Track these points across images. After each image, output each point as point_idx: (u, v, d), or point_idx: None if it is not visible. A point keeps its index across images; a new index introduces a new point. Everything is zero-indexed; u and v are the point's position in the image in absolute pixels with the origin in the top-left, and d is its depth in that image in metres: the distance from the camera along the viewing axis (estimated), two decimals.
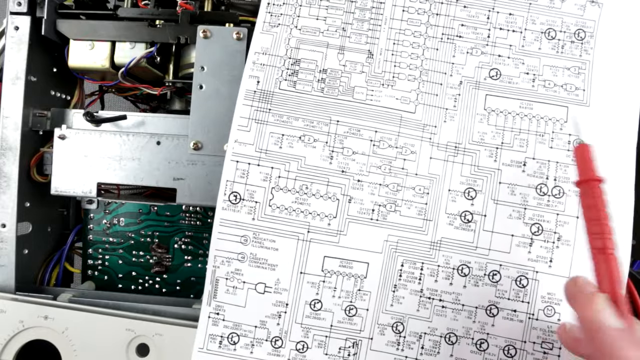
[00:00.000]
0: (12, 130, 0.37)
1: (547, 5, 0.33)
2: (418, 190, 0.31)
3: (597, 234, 0.25)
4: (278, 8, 0.33)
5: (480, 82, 0.32)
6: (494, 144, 0.32)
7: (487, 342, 0.31)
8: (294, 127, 0.32)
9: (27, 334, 0.35)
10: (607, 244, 0.24)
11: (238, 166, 0.32)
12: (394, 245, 0.31)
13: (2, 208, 0.37)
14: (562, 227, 0.31)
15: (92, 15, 0.39)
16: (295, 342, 0.31)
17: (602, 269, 0.24)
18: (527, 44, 0.32)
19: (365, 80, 0.32)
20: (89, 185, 0.37)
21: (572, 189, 0.31)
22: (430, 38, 0.33)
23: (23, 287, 0.38)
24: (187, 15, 0.37)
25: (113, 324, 0.35)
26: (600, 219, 0.25)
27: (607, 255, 0.24)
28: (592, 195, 0.25)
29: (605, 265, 0.24)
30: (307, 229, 0.31)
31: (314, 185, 0.32)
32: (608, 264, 0.24)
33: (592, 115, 0.32)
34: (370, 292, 0.31)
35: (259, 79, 0.32)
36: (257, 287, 0.31)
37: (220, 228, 0.32)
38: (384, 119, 0.32)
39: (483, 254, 0.31)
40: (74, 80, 0.44)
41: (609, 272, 0.24)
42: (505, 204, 0.31)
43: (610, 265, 0.24)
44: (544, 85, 0.32)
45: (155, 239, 0.43)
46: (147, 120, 0.38)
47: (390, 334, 0.31)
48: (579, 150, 0.27)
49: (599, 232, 0.25)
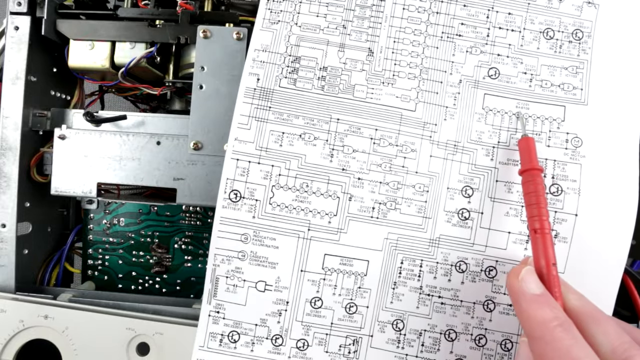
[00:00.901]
0: (12, 130, 0.37)
1: (545, 6, 0.33)
2: (418, 188, 0.32)
3: (535, 217, 0.27)
4: (278, 5, 0.33)
5: (479, 81, 0.32)
6: (491, 143, 0.32)
7: (485, 337, 0.31)
8: (294, 125, 0.32)
9: (27, 333, 0.35)
10: (543, 225, 0.27)
11: (238, 164, 0.32)
12: (394, 243, 0.31)
13: (2, 208, 0.37)
14: (559, 225, 0.31)
15: (92, 15, 0.39)
16: (296, 340, 0.31)
17: (538, 246, 0.27)
18: (525, 44, 0.33)
19: (366, 78, 0.32)
20: (89, 185, 0.37)
21: (570, 186, 0.31)
22: (430, 36, 0.33)
23: (23, 287, 0.38)
24: (187, 15, 0.37)
25: (113, 323, 0.35)
26: (539, 203, 0.28)
27: (543, 235, 0.27)
28: (533, 183, 0.28)
29: (542, 243, 0.27)
30: (307, 227, 0.32)
31: (315, 183, 0.32)
32: (544, 242, 0.27)
33: (591, 114, 0.32)
34: (370, 290, 0.31)
35: (259, 77, 0.33)
36: (258, 285, 0.32)
37: (221, 226, 0.32)
38: (385, 117, 0.32)
39: (480, 250, 0.31)
40: (74, 80, 0.44)
41: (544, 249, 0.26)
42: (502, 201, 0.31)
43: (545, 244, 0.27)
44: (541, 85, 0.32)
45: (155, 239, 0.43)
46: (147, 120, 0.38)
47: (390, 331, 0.31)
48: (523, 142, 0.30)
49: (537, 215, 0.27)
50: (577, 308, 0.25)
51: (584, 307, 0.25)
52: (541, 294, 0.25)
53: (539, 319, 0.24)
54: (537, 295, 0.25)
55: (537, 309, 0.24)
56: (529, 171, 0.29)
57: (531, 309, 0.24)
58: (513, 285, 0.26)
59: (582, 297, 0.26)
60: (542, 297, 0.25)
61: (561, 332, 0.23)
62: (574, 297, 0.25)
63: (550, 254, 0.26)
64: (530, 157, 0.29)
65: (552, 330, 0.23)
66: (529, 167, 0.29)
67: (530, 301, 0.25)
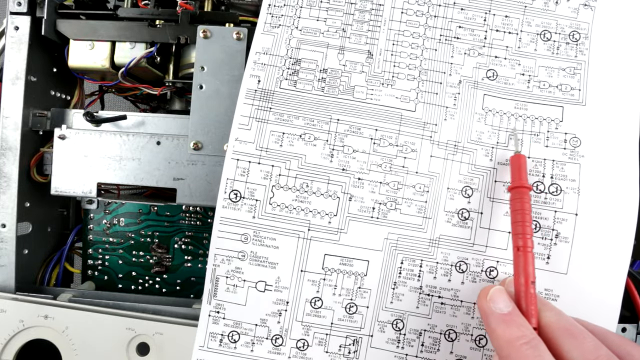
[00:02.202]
0: (12, 130, 0.38)
1: (542, 8, 0.33)
2: (418, 188, 0.32)
3: (520, 234, 0.28)
4: (279, 9, 0.34)
5: (478, 82, 0.33)
6: (490, 143, 0.32)
7: (486, 338, 0.31)
8: (294, 125, 0.32)
9: (27, 333, 0.35)
10: (527, 243, 0.27)
11: (238, 164, 0.32)
12: (394, 243, 0.31)
13: (2, 208, 0.37)
14: (560, 225, 0.31)
15: (92, 15, 0.39)
16: (296, 340, 0.32)
17: (520, 264, 0.27)
18: (523, 46, 0.33)
19: (365, 79, 0.33)
20: (89, 185, 0.37)
21: (570, 186, 0.31)
22: (428, 39, 0.33)
23: (23, 287, 0.38)
24: (187, 15, 0.37)
25: (113, 323, 0.35)
26: (525, 222, 0.28)
27: (525, 253, 0.27)
28: (521, 201, 0.28)
29: (523, 260, 0.27)
30: (307, 227, 0.32)
31: (315, 184, 0.32)
32: (525, 260, 0.27)
33: (589, 114, 0.32)
34: (370, 290, 0.31)
35: (260, 78, 0.33)
36: (258, 286, 0.32)
37: (221, 226, 0.32)
38: (384, 118, 0.32)
39: (480, 250, 0.31)
40: (74, 80, 0.44)
41: (525, 266, 0.27)
42: (501, 201, 0.32)
43: (526, 261, 0.27)
44: (539, 86, 0.32)
45: (155, 239, 0.43)
46: (147, 120, 0.38)
47: (390, 331, 0.31)
48: (515, 159, 0.30)
49: (522, 233, 0.28)
50: (553, 324, 0.25)
51: (560, 322, 0.25)
52: (509, 313, 0.25)
53: (506, 337, 0.24)
54: (504, 315, 0.25)
55: (505, 328, 0.25)
56: (518, 189, 0.29)
57: (499, 328, 0.25)
58: (482, 305, 0.27)
59: (560, 313, 0.26)
60: (510, 315, 0.25)
61: (527, 350, 0.23)
62: (550, 313, 0.26)
63: (530, 271, 0.27)
64: (520, 175, 0.29)
65: (519, 349, 0.23)
66: (517, 184, 0.29)
67: (498, 320, 0.25)
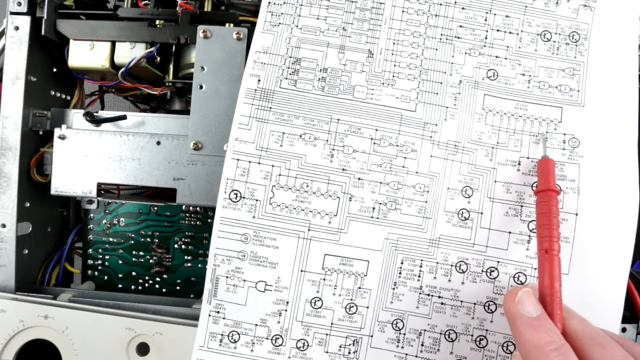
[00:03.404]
0: (12, 130, 0.37)
1: (542, 9, 0.33)
2: (418, 188, 0.32)
3: (546, 237, 0.27)
4: (279, 7, 0.34)
5: (478, 82, 0.33)
6: (490, 143, 0.32)
7: (486, 338, 0.31)
8: (294, 125, 0.32)
9: (27, 333, 0.35)
10: (553, 246, 0.27)
11: (239, 164, 0.32)
12: (394, 243, 0.32)
13: (2, 208, 0.37)
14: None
15: (92, 15, 0.39)
16: (296, 340, 0.32)
17: (545, 267, 0.27)
18: (523, 46, 0.33)
19: (366, 79, 0.33)
20: (89, 185, 0.37)
21: (569, 186, 0.31)
22: (429, 38, 0.33)
23: (23, 287, 0.38)
24: (187, 15, 0.37)
25: (113, 323, 0.35)
26: (552, 225, 0.28)
27: (552, 256, 0.27)
28: (548, 204, 0.28)
29: (549, 264, 0.27)
30: (307, 227, 0.32)
31: (315, 184, 0.32)
32: (551, 263, 0.27)
33: (588, 115, 0.32)
34: (370, 290, 0.31)
35: (260, 78, 0.33)
36: (258, 286, 0.32)
37: (221, 226, 0.32)
38: (385, 117, 0.32)
39: (480, 250, 0.31)
40: (74, 80, 0.44)
41: (550, 270, 0.26)
42: (501, 201, 0.32)
43: (552, 264, 0.27)
44: (539, 86, 0.33)
45: (155, 239, 0.43)
46: (147, 120, 0.38)
47: (390, 331, 0.31)
48: (543, 163, 0.30)
49: (548, 236, 0.27)
50: (579, 332, 0.24)
51: (586, 330, 0.24)
52: (538, 317, 0.24)
53: (534, 342, 0.23)
54: (533, 318, 0.24)
55: (534, 332, 0.24)
56: (545, 192, 0.29)
57: (527, 332, 0.24)
58: (509, 307, 0.26)
59: (585, 321, 0.25)
60: (539, 320, 0.24)
61: (557, 357, 0.22)
62: (575, 321, 0.25)
63: (557, 275, 0.26)
64: (548, 178, 0.29)
65: (547, 355, 0.23)
66: (545, 187, 0.29)
67: (527, 324, 0.24)
